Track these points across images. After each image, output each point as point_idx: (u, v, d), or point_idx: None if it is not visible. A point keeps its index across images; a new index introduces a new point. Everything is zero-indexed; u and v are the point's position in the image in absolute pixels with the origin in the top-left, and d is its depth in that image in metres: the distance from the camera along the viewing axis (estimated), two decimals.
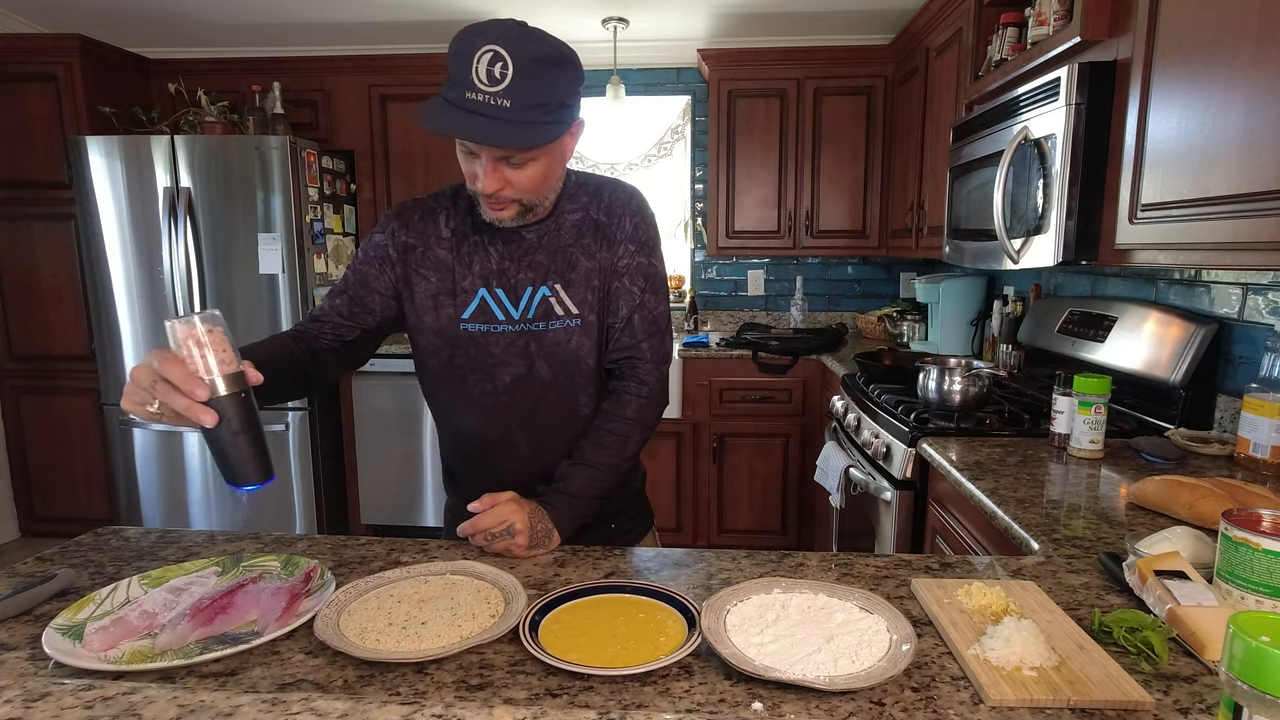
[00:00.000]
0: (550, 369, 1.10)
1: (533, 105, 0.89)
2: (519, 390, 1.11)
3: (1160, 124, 1.28)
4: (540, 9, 3.04)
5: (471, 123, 0.88)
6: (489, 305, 1.08)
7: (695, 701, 0.64)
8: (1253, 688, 0.47)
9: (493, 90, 0.87)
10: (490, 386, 1.11)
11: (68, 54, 3.04)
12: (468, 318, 1.08)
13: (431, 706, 0.60)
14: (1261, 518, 0.77)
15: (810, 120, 3.26)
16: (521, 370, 1.10)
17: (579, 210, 1.10)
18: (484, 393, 1.11)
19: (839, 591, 0.81)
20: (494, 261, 1.08)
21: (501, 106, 0.88)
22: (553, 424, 1.13)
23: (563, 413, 1.13)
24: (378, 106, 3.34)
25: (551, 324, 1.08)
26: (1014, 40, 1.92)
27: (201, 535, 1.04)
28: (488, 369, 1.10)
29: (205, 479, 3.14)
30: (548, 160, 0.98)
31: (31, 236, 3.19)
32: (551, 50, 0.91)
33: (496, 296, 1.08)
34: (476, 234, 1.09)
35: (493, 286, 1.08)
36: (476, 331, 1.08)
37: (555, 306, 1.08)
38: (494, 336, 1.08)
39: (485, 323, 1.08)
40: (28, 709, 0.59)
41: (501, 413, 1.12)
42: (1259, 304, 1.54)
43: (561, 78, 0.92)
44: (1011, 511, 1.14)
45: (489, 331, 1.08)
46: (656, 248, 1.14)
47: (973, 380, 1.78)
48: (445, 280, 1.09)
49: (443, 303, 1.09)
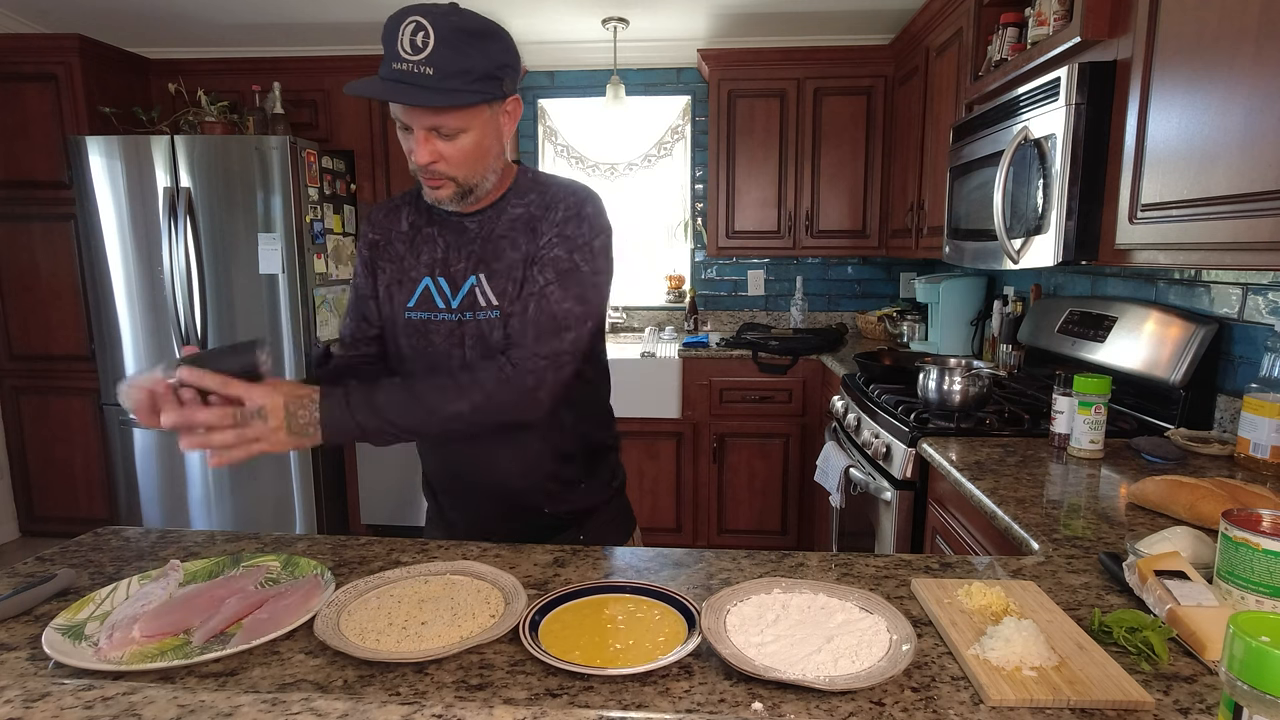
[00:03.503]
0: (478, 360, 1.07)
1: (454, 73, 0.91)
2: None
3: (1160, 124, 1.28)
4: (540, 9, 3.04)
5: (394, 88, 0.91)
6: (431, 294, 1.09)
7: (695, 701, 0.64)
8: (1253, 688, 0.47)
9: (415, 59, 0.90)
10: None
11: (68, 54, 3.04)
12: (412, 305, 1.09)
13: (431, 706, 0.60)
14: (1261, 518, 0.77)
15: (810, 120, 3.26)
16: (456, 361, 1.09)
17: (522, 206, 1.08)
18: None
19: (839, 591, 0.81)
20: (440, 251, 1.09)
21: (424, 74, 0.90)
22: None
23: None
24: (378, 106, 3.34)
25: (478, 314, 1.07)
26: (1014, 40, 1.93)
27: (201, 535, 1.04)
28: (429, 359, 1.10)
29: (205, 479, 3.14)
30: (479, 134, 0.98)
31: (31, 236, 3.19)
32: (476, 23, 0.93)
33: (439, 285, 1.09)
34: (429, 226, 1.11)
35: (436, 275, 1.09)
36: (419, 320, 1.09)
37: (479, 297, 1.07)
38: (434, 325, 1.09)
39: (427, 311, 1.09)
40: (28, 709, 0.59)
41: None
42: (1259, 304, 1.54)
43: (486, 49, 0.94)
44: (1011, 511, 1.14)
45: (429, 320, 1.09)
46: (587, 250, 1.04)
47: (973, 380, 1.78)
48: (398, 271, 1.11)
49: (394, 293, 1.11)
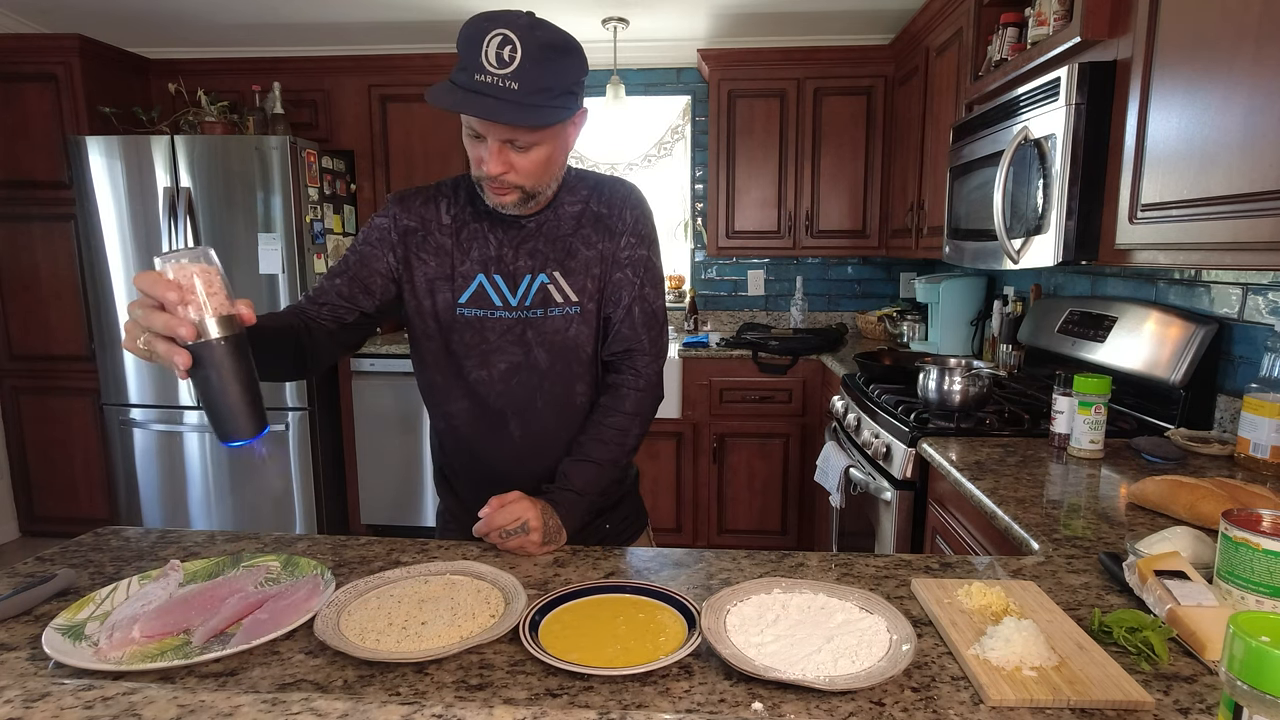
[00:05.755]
0: (548, 356, 1.10)
1: (539, 89, 0.91)
2: (515, 377, 1.11)
3: (1160, 124, 1.28)
4: (540, 9, 3.02)
5: (481, 102, 0.90)
6: (486, 291, 1.09)
7: (695, 701, 0.64)
8: (1253, 688, 0.47)
9: (501, 73, 0.89)
10: (485, 374, 1.11)
11: (68, 54, 3.04)
12: (464, 302, 1.09)
13: (431, 706, 0.60)
14: (1261, 518, 0.77)
15: (810, 120, 3.26)
16: (518, 357, 1.10)
17: (579, 203, 1.11)
18: (479, 379, 1.11)
19: (839, 591, 0.81)
20: (492, 248, 1.09)
21: (509, 88, 0.90)
22: (548, 413, 1.13)
23: (558, 401, 1.13)
24: (378, 106, 3.34)
25: (550, 311, 1.09)
26: (1014, 40, 1.92)
27: (201, 535, 1.04)
28: (483, 355, 1.10)
29: (205, 479, 3.14)
30: (551, 147, 0.99)
31: (31, 236, 3.19)
32: (559, 38, 0.94)
33: (495, 282, 1.09)
34: (476, 221, 1.10)
35: (491, 272, 1.09)
36: (473, 316, 1.09)
37: (554, 294, 1.09)
38: (490, 322, 1.09)
39: (482, 308, 1.09)
40: (28, 709, 0.59)
41: (496, 400, 1.12)
42: (1259, 304, 1.54)
43: (568, 66, 0.94)
44: (1011, 511, 1.14)
45: (485, 317, 1.09)
46: (655, 244, 1.15)
47: (973, 380, 1.78)
48: (444, 265, 1.09)
49: (439, 287, 1.10)
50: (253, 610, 0.79)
